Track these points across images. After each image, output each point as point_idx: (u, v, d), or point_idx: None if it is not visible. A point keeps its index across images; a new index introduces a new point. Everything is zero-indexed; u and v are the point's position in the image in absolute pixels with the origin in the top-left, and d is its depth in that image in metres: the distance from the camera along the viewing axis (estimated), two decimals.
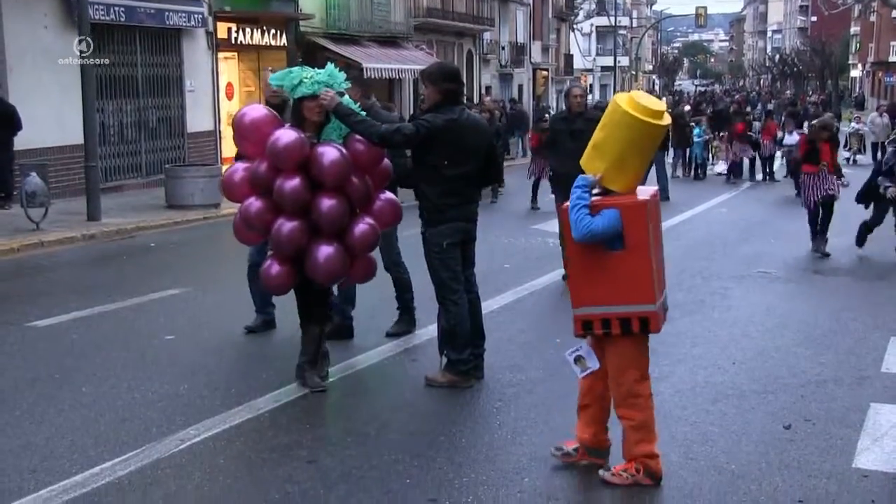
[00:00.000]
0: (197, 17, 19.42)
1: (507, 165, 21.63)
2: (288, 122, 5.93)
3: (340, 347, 6.72)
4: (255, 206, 5.55)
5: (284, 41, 22.86)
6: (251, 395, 5.74)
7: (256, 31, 21.83)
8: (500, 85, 41.30)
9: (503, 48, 42.46)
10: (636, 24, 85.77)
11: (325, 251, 5.56)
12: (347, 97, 5.79)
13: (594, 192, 4.40)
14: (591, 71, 67.40)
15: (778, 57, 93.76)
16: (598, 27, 70.30)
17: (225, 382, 6.05)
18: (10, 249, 11.38)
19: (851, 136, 26.47)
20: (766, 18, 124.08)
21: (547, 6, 51.06)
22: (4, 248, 11.38)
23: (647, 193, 4.51)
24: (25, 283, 9.89)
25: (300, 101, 5.60)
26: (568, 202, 4.41)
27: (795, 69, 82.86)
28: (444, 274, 5.89)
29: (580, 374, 4.55)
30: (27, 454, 4.81)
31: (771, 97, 62.42)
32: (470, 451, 4.91)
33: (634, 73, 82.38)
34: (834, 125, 12.54)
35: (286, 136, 5.44)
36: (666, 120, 4.40)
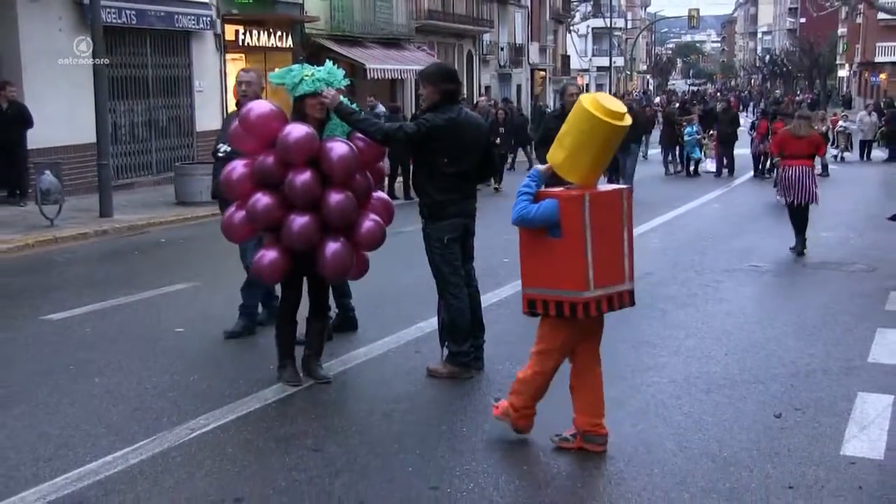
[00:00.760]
0: (205, 19, 19.54)
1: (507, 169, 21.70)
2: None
3: (345, 339, 6.79)
4: (262, 201, 5.44)
5: (290, 43, 22.89)
6: (259, 385, 5.79)
7: (263, 33, 21.91)
8: (499, 85, 41.37)
9: (502, 49, 42.53)
10: (631, 25, 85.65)
11: (332, 247, 5.53)
12: (346, 99, 5.76)
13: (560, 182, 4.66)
14: (587, 71, 67.42)
15: (768, 57, 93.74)
16: (593, 28, 70.39)
17: (233, 373, 6.09)
18: (25, 245, 11.51)
19: (839, 134, 26.56)
20: (756, 20, 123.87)
21: (544, 8, 51.14)
22: (20, 243, 11.52)
23: (605, 189, 4.75)
24: (40, 277, 9.92)
25: (302, 98, 5.57)
26: None
27: (785, 69, 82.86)
28: (445, 269, 5.95)
29: None
30: (42, 443, 4.89)
31: (761, 97, 62.66)
32: (471, 439, 4.96)
33: (629, 73, 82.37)
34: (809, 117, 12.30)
35: (297, 130, 5.39)
36: (625, 121, 4.57)
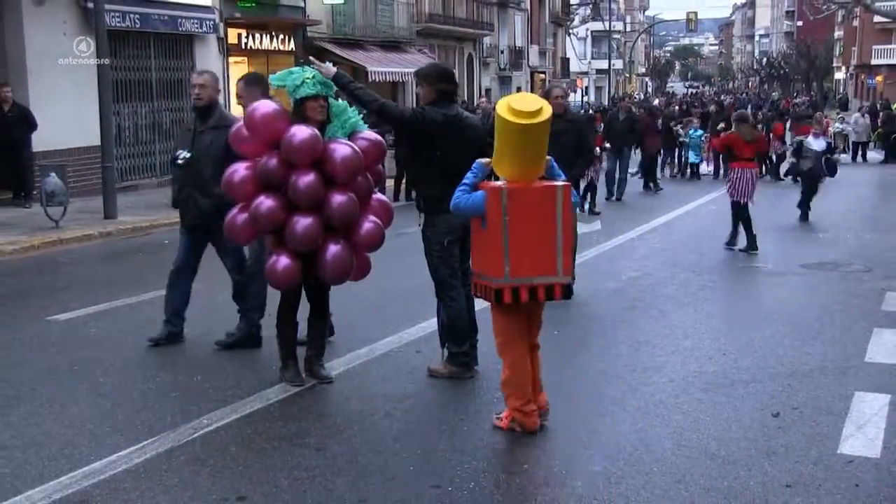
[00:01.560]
0: (208, 23, 19.60)
1: None
2: (213, 124, 6.17)
3: (346, 339, 6.78)
4: (265, 204, 5.44)
5: (292, 46, 22.96)
6: (261, 385, 5.83)
7: (265, 36, 22.00)
8: (499, 87, 41.43)
9: (502, 52, 42.62)
10: (630, 28, 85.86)
11: (332, 250, 5.55)
12: (343, 101, 5.78)
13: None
14: (586, 74, 67.52)
15: (765, 60, 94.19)
16: (593, 32, 70.61)
17: (236, 373, 6.11)
18: (30, 246, 11.56)
19: (836, 135, 26.63)
20: (753, 23, 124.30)
21: (544, 11, 51.24)
22: (25, 245, 11.57)
23: (536, 184, 4.94)
24: (45, 278, 9.95)
25: (302, 101, 5.55)
26: None
27: (782, 72, 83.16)
28: (443, 271, 5.96)
29: None
30: (47, 442, 4.92)
31: (759, 99, 62.81)
32: (471, 438, 4.99)
33: (628, 75, 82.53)
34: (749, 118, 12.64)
35: (302, 131, 5.40)
36: (536, 118, 4.74)
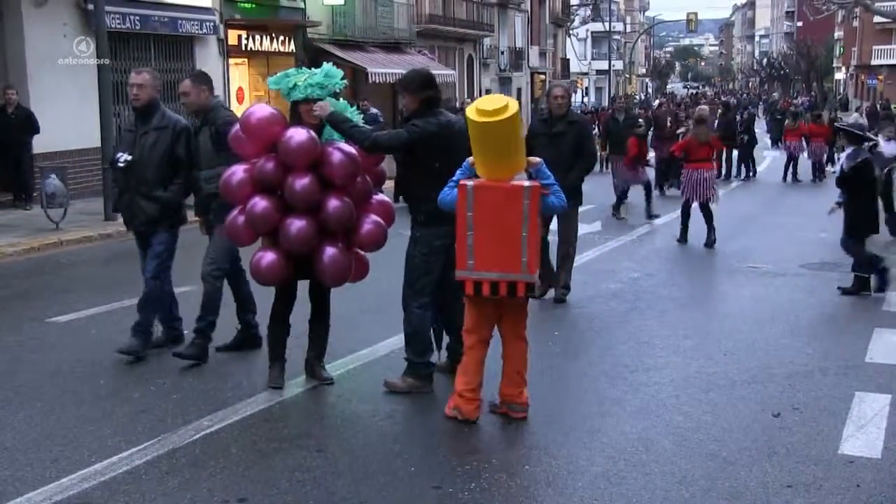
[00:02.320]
0: (208, 24, 19.61)
1: None
2: (155, 124, 6.19)
3: (348, 340, 6.77)
4: (260, 205, 5.44)
5: (293, 47, 22.96)
6: (262, 387, 5.82)
7: (266, 37, 22.01)
8: (499, 88, 41.36)
9: (502, 53, 42.63)
10: (630, 29, 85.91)
11: (330, 253, 5.54)
12: (343, 101, 5.74)
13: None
14: (586, 74, 67.57)
15: (765, 60, 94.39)
16: (593, 32, 70.59)
17: (236, 375, 6.12)
18: (31, 248, 11.57)
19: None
20: (753, 24, 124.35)
21: (544, 12, 51.25)
22: (26, 247, 11.58)
23: (503, 184, 5.06)
24: (46, 280, 9.94)
25: (296, 104, 5.57)
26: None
27: (782, 72, 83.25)
28: (422, 277, 5.72)
29: None
30: (48, 444, 4.93)
31: (759, 100, 62.90)
32: (471, 440, 5.02)
33: (628, 76, 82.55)
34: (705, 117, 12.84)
35: (299, 134, 5.40)
36: (500, 116, 4.89)
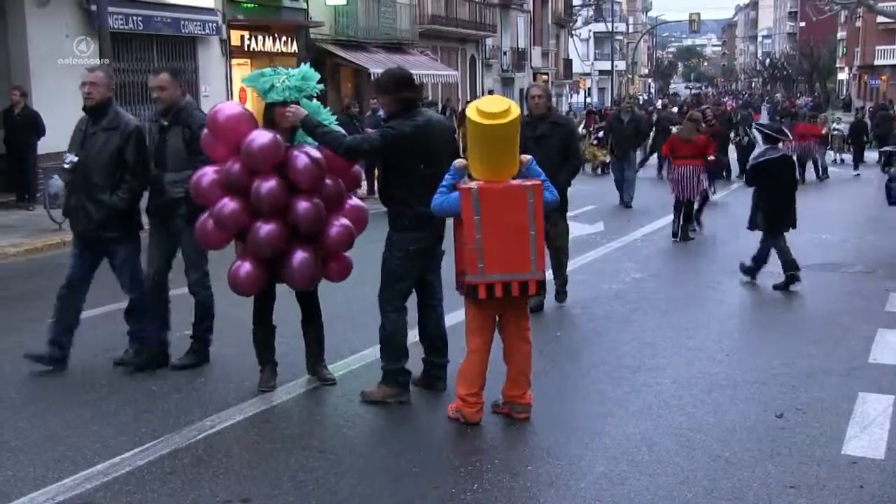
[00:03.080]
0: (211, 25, 19.67)
1: None
2: (105, 125, 6.01)
3: (349, 340, 6.74)
4: (228, 206, 5.34)
5: (295, 48, 23.02)
6: None
7: (268, 38, 22.10)
8: (501, 89, 41.41)
9: (505, 53, 42.69)
10: (632, 29, 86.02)
11: (299, 256, 5.45)
12: (316, 103, 5.59)
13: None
14: (588, 75, 67.60)
15: (768, 61, 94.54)
16: (595, 33, 70.55)
17: (239, 375, 6.09)
18: (34, 249, 11.60)
19: (835, 136, 26.53)
20: (756, 24, 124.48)
21: (546, 13, 51.28)
22: (29, 247, 11.62)
23: (506, 184, 5.03)
24: (48, 280, 9.60)
25: (271, 105, 5.42)
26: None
27: (785, 73, 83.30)
28: (400, 282, 5.55)
29: None
30: (51, 444, 4.93)
31: (762, 100, 62.92)
32: (474, 441, 5.01)
33: (631, 76, 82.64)
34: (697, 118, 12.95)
35: (261, 137, 5.28)
36: (503, 119, 4.88)
